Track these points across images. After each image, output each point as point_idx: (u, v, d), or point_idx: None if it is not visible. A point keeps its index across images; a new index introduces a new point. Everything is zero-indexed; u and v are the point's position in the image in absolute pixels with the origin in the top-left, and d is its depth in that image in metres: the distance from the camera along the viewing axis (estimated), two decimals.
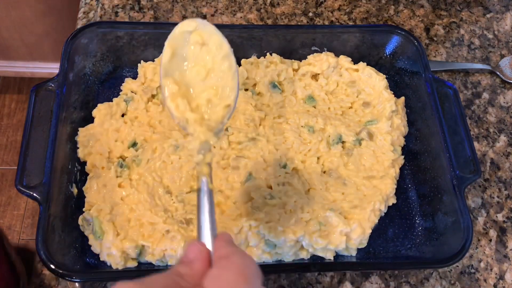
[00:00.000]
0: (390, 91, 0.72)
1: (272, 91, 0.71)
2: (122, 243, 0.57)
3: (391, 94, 0.71)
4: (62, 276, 0.52)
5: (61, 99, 0.62)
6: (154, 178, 0.62)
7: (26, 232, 1.59)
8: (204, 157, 0.45)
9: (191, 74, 0.49)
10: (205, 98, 0.48)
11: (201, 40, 0.49)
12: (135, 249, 0.57)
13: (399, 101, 0.72)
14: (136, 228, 0.59)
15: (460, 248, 0.57)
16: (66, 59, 0.65)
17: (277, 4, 0.87)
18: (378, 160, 0.67)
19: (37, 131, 0.59)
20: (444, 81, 0.69)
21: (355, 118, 0.71)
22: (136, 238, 0.58)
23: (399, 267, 0.63)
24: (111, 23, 0.75)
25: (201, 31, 0.49)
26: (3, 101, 1.80)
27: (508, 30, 0.89)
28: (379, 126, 0.69)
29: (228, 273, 0.37)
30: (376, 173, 0.66)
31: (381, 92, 0.71)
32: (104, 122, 0.66)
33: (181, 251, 0.57)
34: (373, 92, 0.72)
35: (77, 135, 0.65)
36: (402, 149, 0.70)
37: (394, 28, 0.74)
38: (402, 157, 0.69)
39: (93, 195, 0.61)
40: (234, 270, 0.37)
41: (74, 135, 0.65)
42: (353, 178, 0.66)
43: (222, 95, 0.48)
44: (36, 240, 0.52)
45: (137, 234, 0.58)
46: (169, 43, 0.49)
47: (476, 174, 0.62)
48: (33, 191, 0.55)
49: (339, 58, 0.74)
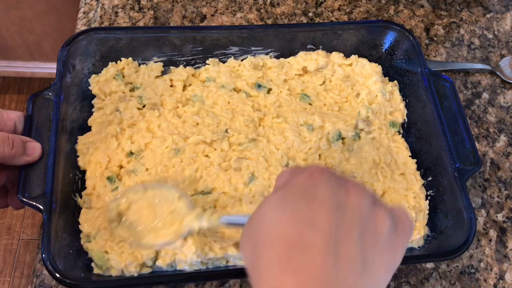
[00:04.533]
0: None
1: (258, 90, 0.71)
2: (132, 256, 0.57)
3: (383, 77, 0.73)
4: (70, 286, 0.51)
5: (59, 107, 0.61)
6: None
7: (26, 232, 1.59)
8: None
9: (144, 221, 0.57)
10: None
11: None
12: (150, 256, 0.57)
13: (391, 83, 0.74)
14: None
15: (464, 241, 0.57)
16: (62, 66, 0.64)
17: (277, 4, 0.87)
18: (381, 144, 0.68)
19: (37, 140, 0.58)
20: (441, 75, 0.69)
21: (352, 112, 0.72)
22: None
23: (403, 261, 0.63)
24: (107, 29, 0.74)
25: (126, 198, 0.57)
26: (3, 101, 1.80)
27: (508, 30, 0.89)
28: (373, 103, 0.71)
29: None
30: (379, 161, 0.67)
31: (373, 77, 0.73)
32: (102, 130, 0.65)
33: (192, 255, 0.57)
34: (368, 81, 0.73)
35: (77, 144, 0.65)
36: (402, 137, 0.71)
37: (389, 24, 0.74)
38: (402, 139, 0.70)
39: (89, 225, 0.60)
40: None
41: (74, 143, 0.65)
42: (359, 171, 0.66)
43: (168, 224, 0.56)
44: (41, 251, 0.52)
45: None
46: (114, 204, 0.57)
47: (477, 166, 0.62)
48: (35, 201, 0.55)
49: (331, 54, 0.74)
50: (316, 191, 0.37)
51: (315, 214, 0.35)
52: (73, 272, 0.53)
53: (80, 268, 0.56)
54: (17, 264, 1.54)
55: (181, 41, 0.71)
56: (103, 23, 0.82)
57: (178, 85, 0.71)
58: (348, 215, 0.36)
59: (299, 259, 0.34)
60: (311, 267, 0.33)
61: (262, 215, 0.38)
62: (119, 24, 0.82)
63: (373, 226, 0.37)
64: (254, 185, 0.63)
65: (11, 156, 0.54)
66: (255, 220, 0.39)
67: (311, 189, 0.37)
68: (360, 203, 0.37)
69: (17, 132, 0.58)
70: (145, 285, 0.55)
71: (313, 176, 0.38)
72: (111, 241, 0.58)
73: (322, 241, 0.34)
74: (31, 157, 0.56)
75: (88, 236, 0.59)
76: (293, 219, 0.36)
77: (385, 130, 0.70)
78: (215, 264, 0.59)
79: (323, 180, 0.38)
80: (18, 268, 1.54)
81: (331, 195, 0.37)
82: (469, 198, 0.60)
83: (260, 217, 0.39)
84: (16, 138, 0.55)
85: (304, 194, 0.37)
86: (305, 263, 0.34)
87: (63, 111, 0.62)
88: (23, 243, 1.58)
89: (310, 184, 0.38)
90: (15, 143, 0.54)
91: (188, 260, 0.57)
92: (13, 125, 0.58)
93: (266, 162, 0.65)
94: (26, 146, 0.56)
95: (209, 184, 0.63)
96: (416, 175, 0.66)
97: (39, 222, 1.52)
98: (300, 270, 0.33)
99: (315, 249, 0.34)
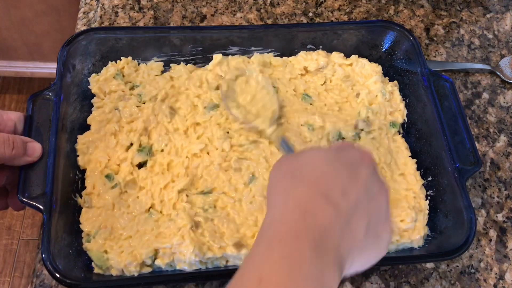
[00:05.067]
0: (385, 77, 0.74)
1: None
2: (131, 255, 0.57)
3: (383, 77, 0.73)
4: (70, 286, 0.51)
5: (59, 107, 0.61)
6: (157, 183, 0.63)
7: (26, 232, 1.59)
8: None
9: (241, 98, 0.69)
10: (254, 112, 0.67)
11: (245, 79, 0.70)
12: (149, 255, 0.57)
13: (391, 83, 0.74)
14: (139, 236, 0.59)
15: (464, 241, 0.57)
16: (62, 66, 0.64)
17: (277, 4, 0.87)
18: (381, 144, 0.68)
19: (37, 140, 0.58)
20: (441, 75, 0.69)
21: (352, 112, 0.72)
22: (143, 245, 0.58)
23: (403, 261, 0.63)
24: (107, 29, 0.74)
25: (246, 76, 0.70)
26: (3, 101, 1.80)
27: (508, 30, 0.89)
28: (373, 103, 0.71)
29: None
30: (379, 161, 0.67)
31: (373, 77, 0.73)
32: (101, 129, 0.65)
33: (190, 255, 0.57)
34: (368, 81, 0.73)
35: (76, 143, 0.65)
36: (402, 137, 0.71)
37: (389, 24, 0.74)
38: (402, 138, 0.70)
39: (89, 224, 0.60)
40: None
41: (74, 142, 0.64)
42: None
43: (266, 107, 0.68)
44: (41, 251, 0.52)
45: (146, 241, 0.58)
46: (225, 81, 0.69)
47: (477, 166, 0.62)
48: (35, 201, 0.55)
49: (331, 54, 0.74)
50: (360, 171, 0.44)
51: (350, 186, 0.42)
52: (73, 272, 0.53)
53: (80, 268, 0.56)
54: (17, 264, 1.54)
55: (181, 41, 0.71)
56: (103, 23, 0.82)
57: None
58: (369, 206, 0.43)
59: (319, 205, 0.40)
60: (322, 217, 0.40)
61: (311, 157, 0.46)
62: (119, 24, 0.82)
63: (374, 231, 0.43)
64: (254, 185, 0.63)
65: (11, 157, 0.54)
66: (303, 156, 0.46)
67: (358, 167, 0.44)
68: (380, 206, 0.45)
69: (17, 132, 0.58)
70: (145, 285, 0.55)
71: (365, 159, 0.46)
72: (111, 240, 0.58)
73: (344, 206, 0.41)
74: (32, 157, 0.56)
75: (88, 236, 0.59)
76: (333, 177, 0.43)
77: (385, 130, 0.70)
78: (214, 264, 0.59)
79: (370, 167, 0.45)
80: (18, 268, 1.54)
81: (368, 183, 0.44)
82: (469, 198, 0.60)
83: (309, 158, 0.46)
84: (17, 139, 0.55)
85: (351, 166, 0.44)
86: (321, 211, 0.40)
87: (63, 111, 0.62)
88: (23, 243, 1.58)
89: (359, 163, 0.45)
90: (16, 144, 0.55)
91: (186, 260, 0.57)
92: (13, 126, 0.58)
93: (266, 162, 0.65)
94: (27, 146, 0.56)
95: (209, 184, 0.63)
96: (416, 175, 0.66)
97: (39, 222, 1.52)
98: (315, 214, 0.40)
99: (335, 208, 0.40)
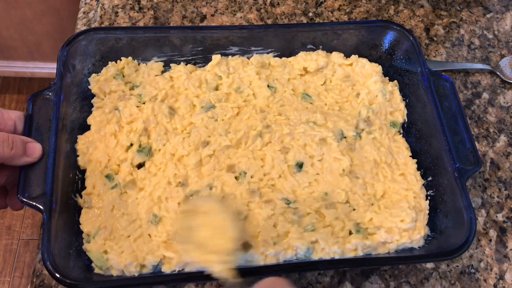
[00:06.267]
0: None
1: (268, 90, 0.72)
2: (132, 255, 0.57)
3: (383, 77, 0.73)
4: (70, 286, 0.51)
5: (59, 107, 0.61)
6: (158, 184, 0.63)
7: (26, 232, 1.59)
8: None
9: (199, 235, 0.57)
10: (213, 248, 0.55)
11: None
12: (157, 261, 0.57)
13: (391, 83, 0.74)
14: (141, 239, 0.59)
15: (464, 241, 0.57)
16: (62, 66, 0.64)
17: (277, 4, 0.87)
18: (382, 144, 0.68)
19: (37, 140, 0.58)
20: (441, 75, 0.69)
21: (353, 112, 0.72)
22: (145, 249, 0.58)
23: (403, 261, 0.63)
24: (107, 29, 0.74)
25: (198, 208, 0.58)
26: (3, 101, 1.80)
27: (508, 30, 0.89)
28: (374, 103, 0.71)
29: None
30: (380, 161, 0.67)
31: (373, 77, 0.73)
32: (101, 129, 0.66)
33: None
34: (368, 81, 0.73)
35: (76, 143, 0.65)
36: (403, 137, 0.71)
37: (389, 24, 0.74)
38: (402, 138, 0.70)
39: (89, 225, 0.60)
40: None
41: (74, 143, 0.65)
42: (361, 171, 0.66)
43: (224, 237, 0.56)
44: (41, 251, 0.52)
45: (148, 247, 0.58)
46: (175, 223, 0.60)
47: (477, 166, 0.62)
48: (35, 201, 0.55)
49: (331, 54, 0.75)
50: None
51: None
52: (73, 272, 0.54)
53: (80, 268, 0.56)
54: (17, 264, 1.54)
55: (181, 41, 0.71)
56: (103, 23, 0.82)
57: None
58: None
59: None
60: None
61: None
62: (119, 24, 0.82)
63: None
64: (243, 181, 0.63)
65: (10, 157, 0.54)
66: None
67: None
68: None
69: (17, 132, 0.58)
70: (145, 285, 0.55)
71: None
72: (111, 240, 0.58)
73: None
74: (31, 157, 0.56)
75: (88, 236, 0.59)
76: None
77: (386, 130, 0.70)
78: None
79: None
80: (18, 268, 1.54)
81: None
82: (469, 198, 0.60)
83: None
84: (16, 139, 0.55)
85: None
86: None
87: (63, 111, 0.62)
88: (23, 243, 1.58)
89: None
90: (15, 143, 0.54)
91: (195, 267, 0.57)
92: (13, 125, 0.58)
93: (254, 160, 0.65)
94: (27, 146, 0.56)
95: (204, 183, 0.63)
96: (416, 175, 0.66)
97: (39, 222, 1.52)
98: None
99: None
